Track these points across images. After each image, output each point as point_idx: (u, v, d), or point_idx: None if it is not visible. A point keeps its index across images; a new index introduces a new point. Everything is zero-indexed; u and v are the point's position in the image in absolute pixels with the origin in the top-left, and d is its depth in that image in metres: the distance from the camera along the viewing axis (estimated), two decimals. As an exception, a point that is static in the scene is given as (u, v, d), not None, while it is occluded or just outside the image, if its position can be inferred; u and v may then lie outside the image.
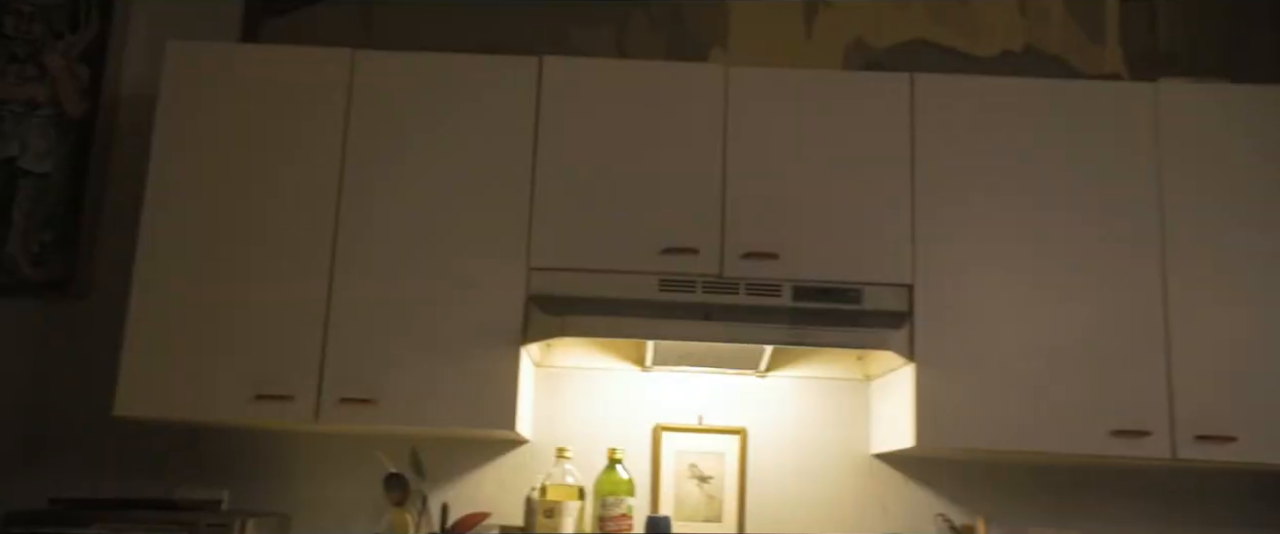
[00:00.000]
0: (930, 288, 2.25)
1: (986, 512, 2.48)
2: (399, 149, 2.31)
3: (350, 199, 2.28)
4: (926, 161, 2.32)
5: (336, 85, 2.33)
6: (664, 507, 2.47)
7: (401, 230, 2.27)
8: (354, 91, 2.33)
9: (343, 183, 2.29)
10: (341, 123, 2.31)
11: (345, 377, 2.20)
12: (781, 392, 2.56)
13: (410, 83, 2.34)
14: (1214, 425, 2.19)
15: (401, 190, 2.29)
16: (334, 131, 2.31)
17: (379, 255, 2.26)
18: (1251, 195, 2.30)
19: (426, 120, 2.32)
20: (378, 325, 2.22)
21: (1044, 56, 2.71)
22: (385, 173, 2.29)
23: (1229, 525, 2.50)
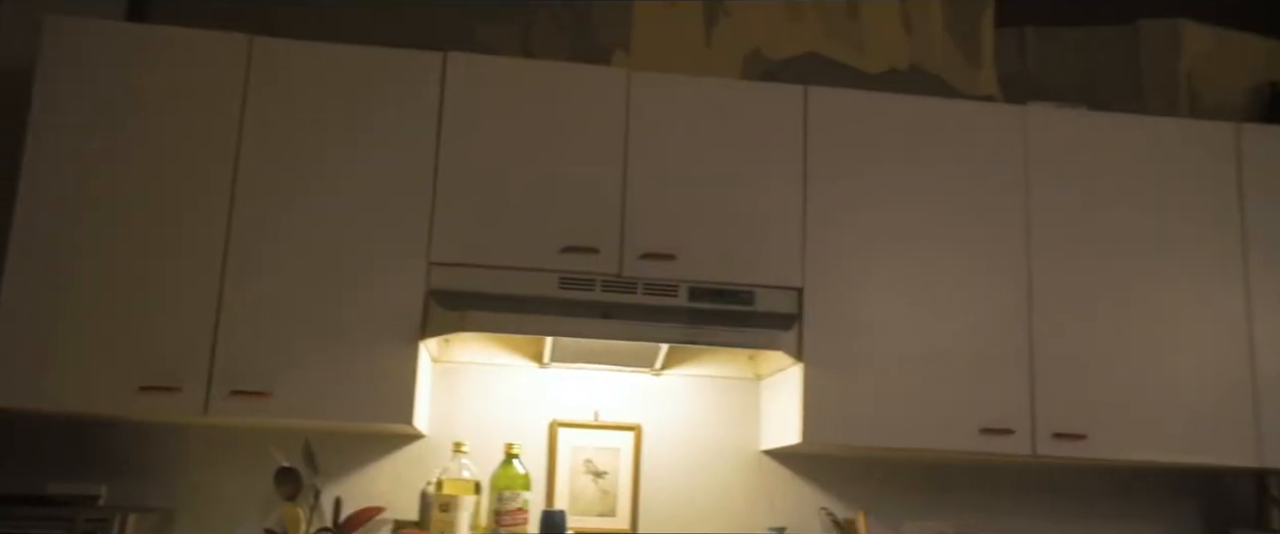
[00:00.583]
0: (818, 291, 2.36)
1: (867, 505, 2.60)
2: (297, 140, 2.28)
3: (246, 188, 2.24)
4: (817, 171, 2.42)
5: (232, 72, 2.28)
6: (559, 501, 2.51)
7: (299, 221, 2.24)
8: (250, 79, 2.29)
9: (237, 171, 2.24)
10: (237, 110, 2.27)
11: (237, 368, 2.16)
12: (676, 389, 2.63)
13: (310, 73, 2.31)
14: (1068, 424, 2.36)
15: (300, 181, 2.26)
16: (229, 119, 2.26)
17: (275, 245, 2.22)
18: (1109, 215, 2.49)
19: (327, 112, 2.30)
20: (273, 316, 2.19)
21: (927, 75, 2.87)
22: (283, 163, 2.26)
23: (1079, 516, 2.69)
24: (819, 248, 2.38)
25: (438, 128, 2.32)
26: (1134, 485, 2.71)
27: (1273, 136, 2.58)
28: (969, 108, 2.52)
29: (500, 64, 2.38)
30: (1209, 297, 2.47)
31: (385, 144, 2.30)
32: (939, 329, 2.37)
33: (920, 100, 2.50)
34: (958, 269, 2.41)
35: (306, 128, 2.28)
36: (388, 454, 2.49)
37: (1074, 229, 2.47)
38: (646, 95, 2.40)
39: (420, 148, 2.30)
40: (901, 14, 2.89)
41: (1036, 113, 2.53)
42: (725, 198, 2.38)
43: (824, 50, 2.85)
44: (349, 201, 2.26)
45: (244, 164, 2.25)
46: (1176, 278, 2.47)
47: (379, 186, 2.27)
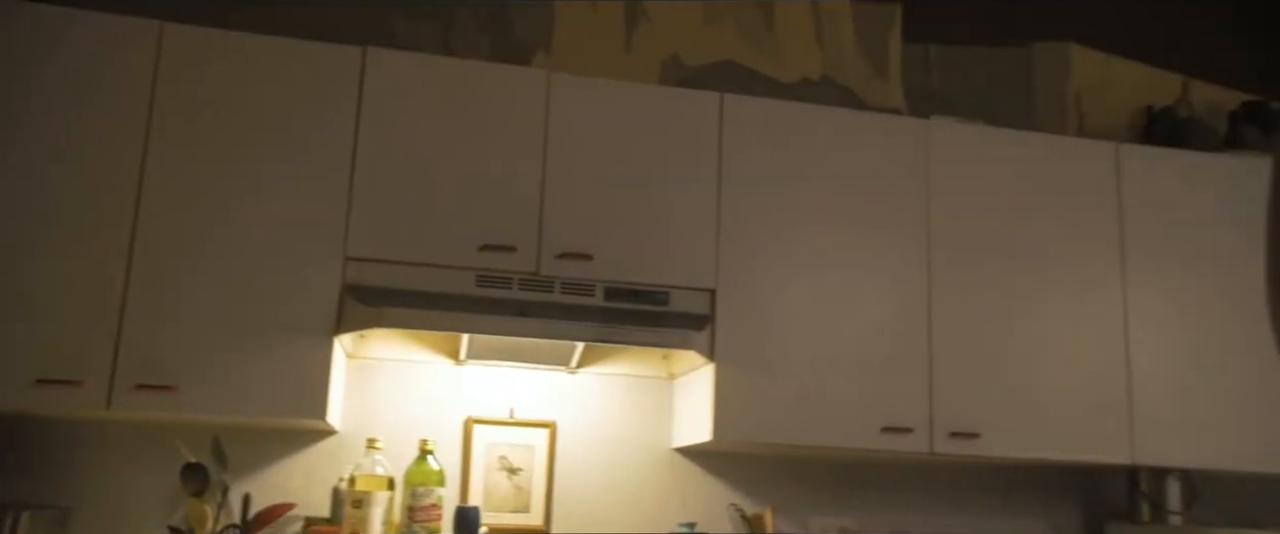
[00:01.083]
0: (730, 293, 2.43)
1: (775, 501, 2.69)
2: (210, 129, 2.24)
3: (155, 178, 2.19)
4: (731, 176, 2.50)
5: (141, 59, 2.23)
6: (473, 497, 2.52)
7: (210, 213, 2.20)
8: (161, 66, 2.24)
9: (146, 161, 2.19)
10: (147, 97, 2.22)
11: (143, 362, 2.11)
12: (591, 388, 2.67)
13: (225, 64, 2.27)
14: (963, 424, 2.49)
15: (212, 172, 2.22)
16: (137, 105, 2.21)
17: (186, 236, 2.18)
18: (1005, 224, 2.63)
19: (241, 103, 2.27)
20: (181, 308, 2.15)
21: (838, 86, 2.97)
22: (194, 154, 2.22)
23: (973, 511, 2.83)
24: (732, 251, 2.45)
25: (356, 123, 2.31)
26: (1021, 481, 2.87)
27: (1148, 156, 2.76)
28: (875, 119, 2.63)
29: (420, 61, 2.38)
30: (1090, 305, 2.63)
31: (302, 138, 2.28)
32: (844, 331, 2.47)
33: (830, 111, 2.60)
34: (862, 274, 2.52)
35: (220, 119, 2.25)
36: (300, 450, 2.47)
37: (971, 238, 2.60)
38: (566, 97, 2.44)
39: (338, 142, 2.29)
40: (814, 27, 2.99)
41: (938, 126, 2.66)
42: (642, 200, 2.43)
43: (740, 58, 2.92)
44: (263, 195, 2.23)
45: (153, 154, 2.20)
46: (1062, 286, 2.62)
47: (295, 180, 2.25)
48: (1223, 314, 2.68)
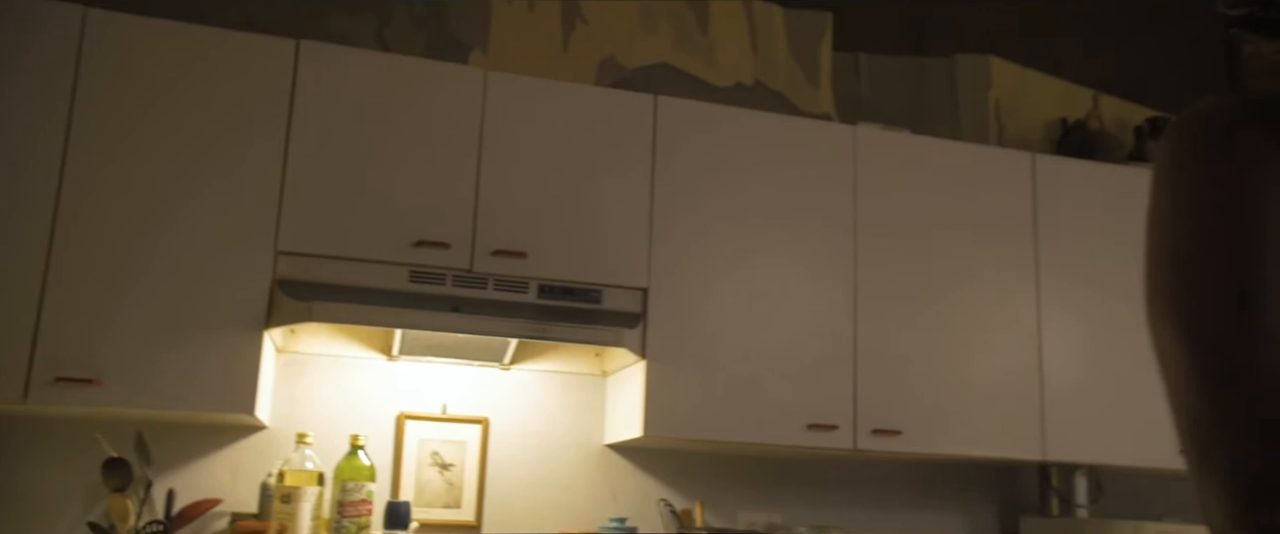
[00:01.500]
0: (663, 292, 2.48)
1: (704, 496, 2.74)
2: (138, 118, 2.20)
3: (77, 165, 2.15)
4: (665, 177, 2.55)
5: (64, 43, 2.18)
6: (405, 493, 2.53)
7: (138, 202, 2.17)
8: (84, 52, 2.19)
9: (68, 147, 2.14)
10: (69, 83, 2.17)
11: (63, 353, 2.07)
12: (524, 384, 2.69)
13: (152, 51, 2.24)
14: (886, 421, 2.58)
15: (140, 161, 2.19)
16: (60, 92, 2.16)
17: (111, 225, 2.14)
18: (928, 229, 2.73)
19: (169, 93, 2.23)
20: (105, 300, 2.11)
21: (770, 92, 3.04)
22: (120, 143, 2.18)
23: (895, 506, 2.93)
24: (664, 251, 2.50)
25: (289, 116, 2.30)
26: (941, 477, 2.97)
27: (1062, 167, 2.89)
28: (805, 124, 2.70)
29: (355, 56, 2.38)
30: (1007, 307, 2.75)
31: (233, 130, 2.26)
32: (772, 331, 2.54)
33: (761, 115, 2.67)
34: (791, 275, 2.59)
35: (146, 109, 2.21)
36: (227, 445, 2.44)
37: (895, 241, 2.69)
38: (502, 95, 2.45)
39: (270, 135, 2.28)
40: (748, 33, 3.05)
41: (865, 133, 2.74)
42: (576, 199, 2.46)
43: (676, 62, 2.97)
44: (192, 187, 2.21)
45: (75, 144, 2.16)
46: (981, 289, 2.73)
47: (225, 172, 2.23)
48: (1127, 318, 2.81)
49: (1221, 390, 0.76)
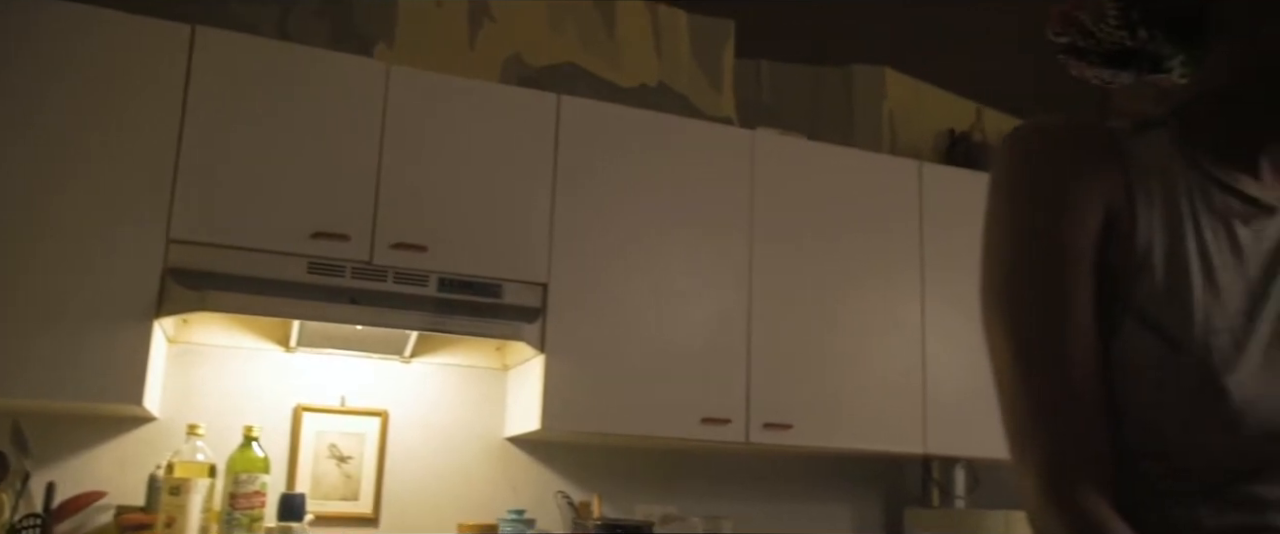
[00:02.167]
0: (562, 288, 2.53)
1: (602, 489, 2.79)
2: (25, 100, 2.14)
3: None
4: (566, 175, 2.59)
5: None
6: (301, 485, 2.51)
7: (23, 186, 2.11)
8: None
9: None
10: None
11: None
12: (425, 377, 2.70)
13: (42, 31, 2.18)
14: (777, 416, 2.67)
15: (27, 143, 2.12)
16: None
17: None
18: (821, 231, 2.83)
19: (59, 73, 2.18)
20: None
21: (674, 94, 3.11)
22: (7, 122, 2.12)
23: (787, 498, 3.04)
24: (564, 247, 2.55)
25: (183, 101, 2.27)
26: (830, 470, 3.09)
27: (948, 176, 3.04)
28: (705, 127, 2.78)
29: (253, 44, 2.35)
30: (894, 308, 2.87)
31: (124, 113, 2.21)
32: (669, 327, 2.61)
33: (662, 117, 2.73)
34: (688, 273, 2.66)
35: (35, 89, 2.15)
36: (113, 437, 2.39)
37: (789, 242, 2.79)
38: (405, 90, 2.46)
39: (162, 120, 2.24)
40: (653, 36, 3.12)
41: (762, 137, 2.84)
42: (478, 194, 2.49)
43: (581, 62, 3.01)
44: (79, 172, 2.16)
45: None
46: (869, 290, 2.85)
47: (115, 157, 2.19)
48: (1006, 319, 2.97)
49: (1036, 381, 0.84)
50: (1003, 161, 0.90)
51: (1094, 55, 0.96)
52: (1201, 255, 0.82)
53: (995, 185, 0.90)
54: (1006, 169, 0.89)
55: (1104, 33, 0.92)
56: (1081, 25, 0.94)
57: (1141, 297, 0.81)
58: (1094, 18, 0.92)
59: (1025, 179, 0.87)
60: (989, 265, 0.89)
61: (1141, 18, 0.89)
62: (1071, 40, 0.96)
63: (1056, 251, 0.84)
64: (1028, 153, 0.88)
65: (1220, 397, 0.77)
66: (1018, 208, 0.87)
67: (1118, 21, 0.90)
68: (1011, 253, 0.87)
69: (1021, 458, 0.85)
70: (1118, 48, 0.93)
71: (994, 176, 0.90)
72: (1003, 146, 0.91)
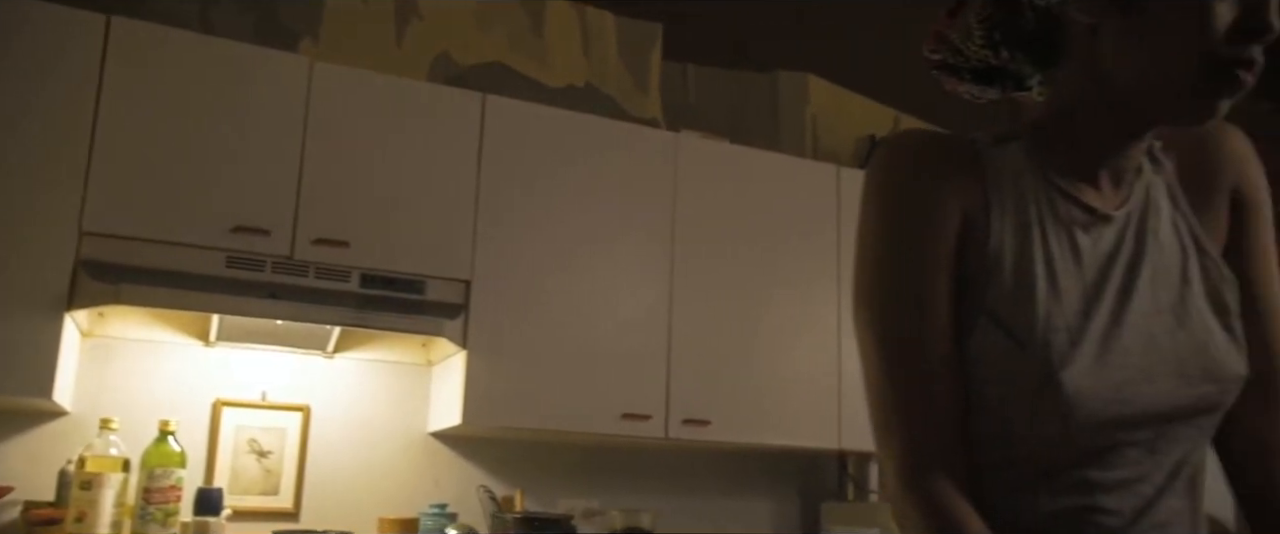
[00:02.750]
0: (485, 285, 2.55)
1: (525, 484, 2.83)
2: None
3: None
4: (491, 174, 2.62)
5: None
6: (219, 480, 2.50)
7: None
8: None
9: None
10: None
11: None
12: (348, 372, 2.70)
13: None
14: (696, 412, 2.73)
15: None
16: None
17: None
18: (740, 232, 2.90)
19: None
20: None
21: (601, 95, 3.16)
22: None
23: (706, 492, 3.10)
24: (488, 245, 2.57)
25: (97, 92, 2.24)
26: (750, 465, 3.17)
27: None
28: (628, 129, 2.83)
29: (172, 36, 2.33)
30: (811, 308, 2.96)
31: (35, 103, 2.18)
32: (591, 325, 2.65)
33: (587, 118, 2.78)
34: (610, 271, 2.71)
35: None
36: (22, 431, 2.36)
37: (710, 243, 2.85)
38: (328, 87, 2.46)
39: (76, 111, 2.21)
40: (581, 37, 3.16)
41: (686, 140, 2.90)
42: (402, 192, 2.50)
43: (510, 62, 3.04)
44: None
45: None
46: (788, 290, 2.93)
47: (25, 146, 2.16)
48: (919, 319, 3.07)
49: (897, 378, 0.91)
50: (874, 171, 0.96)
51: (964, 72, 1.02)
52: (1046, 260, 0.89)
53: (867, 193, 0.96)
54: (876, 178, 0.95)
55: (971, 51, 0.99)
56: (952, 44, 1.01)
57: (992, 298, 0.88)
58: (962, 37, 0.99)
59: (892, 188, 0.93)
60: (859, 268, 0.96)
61: (1003, 38, 0.96)
62: (944, 57, 1.03)
63: (917, 256, 0.91)
64: (895, 163, 0.94)
65: (1056, 390, 0.85)
66: (884, 215, 0.94)
67: (983, 41, 0.97)
68: (877, 256, 0.94)
69: (884, 448, 0.91)
70: (984, 66, 1.00)
71: (866, 185, 0.97)
72: (875, 157, 0.97)
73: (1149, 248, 0.91)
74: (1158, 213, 0.93)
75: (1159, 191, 0.94)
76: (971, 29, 0.97)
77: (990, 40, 0.96)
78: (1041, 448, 0.88)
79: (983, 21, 0.96)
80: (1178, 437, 0.89)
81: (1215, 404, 0.89)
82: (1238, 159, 0.96)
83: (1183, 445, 0.89)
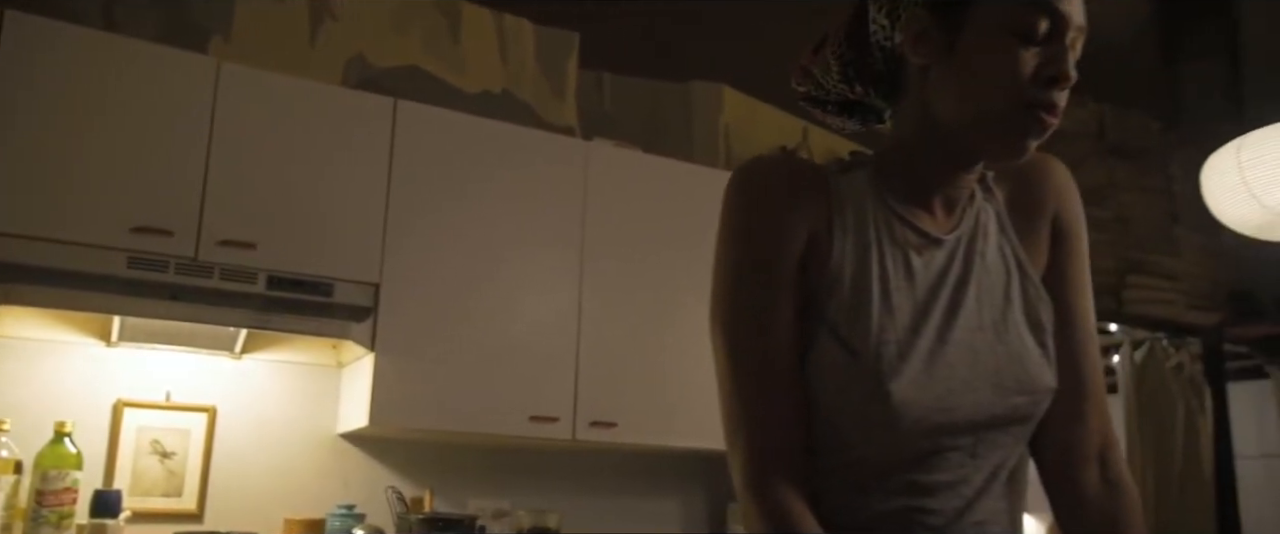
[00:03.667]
0: (395, 288, 2.57)
1: (434, 485, 2.85)
2: None
3: None
4: (402, 178, 2.63)
5: None
6: (119, 482, 2.47)
7: None
8: None
9: None
10: None
11: None
12: (257, 373, 2.69)
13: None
14: (603, 414, 2.79)
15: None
16: None
17: None
18: (650, 240, 2.95)
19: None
20: None
21: (517, 101, 3.19)
22: None
23: (616, 493, 3.16)
24: (398, 248, 2.59)
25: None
26: (657, 466, 3.24)
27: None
28: (540, 136, 2.87)
29: (71, 32, 2.30)
30: (719, 312, 3.02)
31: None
32: (501, 328, 2.69)
33: (499, 125, 2.81)
34: (520, 276, 2.75)
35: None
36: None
37: (620, 250, 2.90)
38: (236, 87, 2.45)
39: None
40: (498, 43, 3.19)
41: (597, 148, 2.95)
42: (311, 194, 2.51)
43: (425, 65, 3.05)
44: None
45: None
46: (697, 297, 2.97)
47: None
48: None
49: (743, 386, 0.98)
50: (729, 193, 1.03)
51: (828, 104, 1.10)
52: (881, 278, 0.97)
53: (722, 214, 1.03)
54: (730, 200, 1.03)
55: (831, 85, 1.07)
56: (815, 78, 1.08)
57: (832, 313, 0.96)
58: (822, 72, 1.07)
59: (743, 210, 1.01)
60: (714, 281, 1.03)
61: (856, 75, 1.04)
62: (808, 90, 1.10)
63: (764, 275, 0.98)
64: (748, 185, 1.01)
65: (885, 399, 0.92)
66: (736, 235, 1.01)
67: (839, 77, 1.05)
68: (728, 274, 1.01)
69: (731, 453, 0.98)
70: (843, 99, 1.08)
71: (723, 206, 1.04)
72: (731, 180, 1.04)
73: (976, 269, 1.00)
74: (986, 237, 1.02)
75: (988, 218, 1.03)
76: (830, 65, 1.05)
77: (845, 76, 1.04)
78: (872, 453, 0.95)
79: (838, 59, 1.04)
80: (996, 443, 0.97)
81: (1028, 414, 0.98)
82: (1060, 191, 1.05)
83: (1001, 451, 0.98)
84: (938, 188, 1.00)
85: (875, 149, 1.06)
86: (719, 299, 1.02)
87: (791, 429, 0.96)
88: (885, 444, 0.94)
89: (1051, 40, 0.90)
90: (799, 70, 1.11)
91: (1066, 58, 0.90)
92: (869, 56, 1.02)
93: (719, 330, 1.01)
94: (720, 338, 1.01)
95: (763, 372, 0.98)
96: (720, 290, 1.02)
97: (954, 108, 0.94)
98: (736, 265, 1.01)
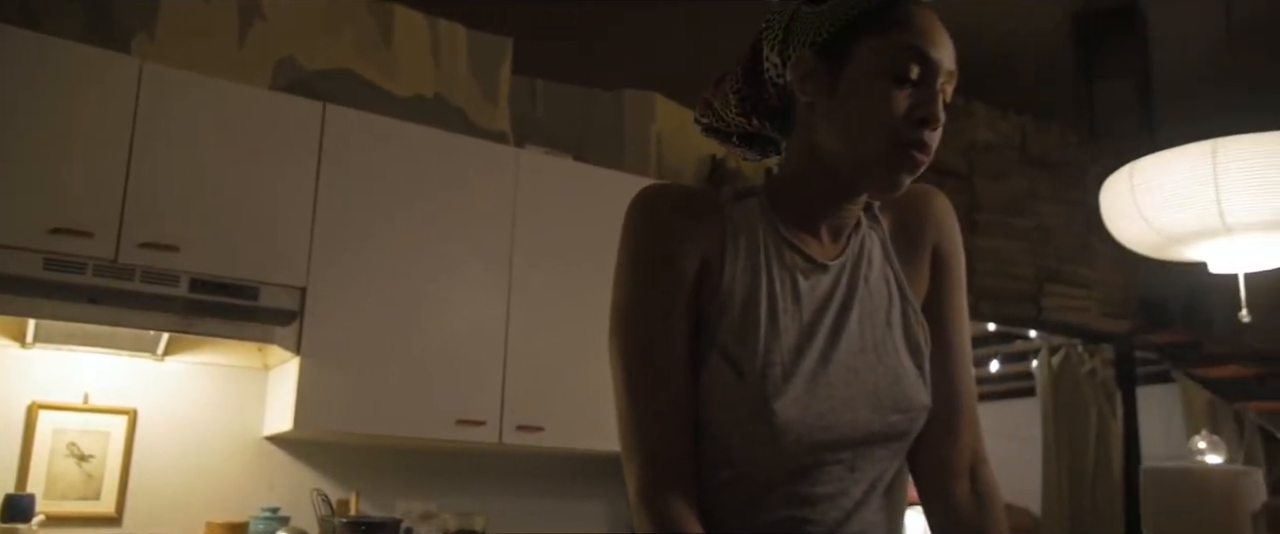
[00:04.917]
0: (321, 292, 2.57)
1: (361, 487, 2.85)
2: None
3: None
4: (330, 182, 2.63)
5: None
6: (33, 485, 2.43)
7: None
8: None
9: None
10: None
11: None
12: (180, 375, 2.67)
13: None
14: (530, 418, 2.82)
15: None
16: None
17: None
18: (577, 246, 2.98)
19: None
20: None
21: (450, 106, 3.20)
22: None
23: (543, 495, 3.19)
24: (325, 252, 2.59)
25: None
26: (584, 469, 3.27)
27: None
28: (471, 143, 2.89)
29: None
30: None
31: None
32: (428, 333, 2.70)
33: (429, 131, 2.82)
34: (449, 281, 2.77)
35: None
36: None
37: (548, 256, 2.93)
38: (159, 88, 2.43)
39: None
40: (431, 47, 3.19)
41: (527, 155, 2.98)
42: (237, 197, 2.49)
43: (357, 68, 3.04)
44: None
45: None
46: (627, 301, 3.04)
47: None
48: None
49: (636, 403, 1.03)
50: (629, 217, 1.08)
51: (729, 135, 1.16)
52: (769, 301, 1.02)
53: (622, 237, 1.08)
54: (628, 225, 1.07)
55: (730, 118, 1.12)
56: (716, 111, 1.14)
57: (723, 334, 1.01)
58: (723, 105, 1.12)
59: (640, 235, 1.06)
60: (613, 304, 1.07)
61: (753, 109, 1.09)
62: (711, 122, 1.15)
63: (658, 294, 1.03)
64: (646, 212, 1.06)
65: (769, 417, 0.98)
66: (633, 259, 1.06)
67: (738, 110, 1.10)
68: (627, 295, 1.06)
69: (627, 467, 1.03)
70: (743, 131, 1.13)
71: (623, 229, 1.08)
72: (630, 206, 1.09)
73: (860, 293, 1.06)
74: (870, 263, 1.08)
75: (873, 245, 1.09)
76: (729, 99, 1.10)
77: (743, 110, 1.09)
78: (757, 467, 1.01)
79: (737, 93, 1.09)
80: (874, 457, 1.03)
81: (904, 431, 1.04)
82: (940, 221, 1.12)
83: (879, 465, 1.04)
84: (825, 216, 1.06)
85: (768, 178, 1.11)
86: (617, 322, 1.07)
87: (683, 445, 1.01)
88: (769, 459, 1.00)
89: (922, 84, 0.96)
90: (702, 103, 1.16)
91: (936, 101, 0.96)
92: (764, 92, 1.07)
93: (616, 351, 1.06)
94: (617, 358, 1.05)
95: (656, 391, 1.02)
96: (618, 313, 1.07)
97: (836, 143, 1.00)
98: (633, 289, 1.06)
